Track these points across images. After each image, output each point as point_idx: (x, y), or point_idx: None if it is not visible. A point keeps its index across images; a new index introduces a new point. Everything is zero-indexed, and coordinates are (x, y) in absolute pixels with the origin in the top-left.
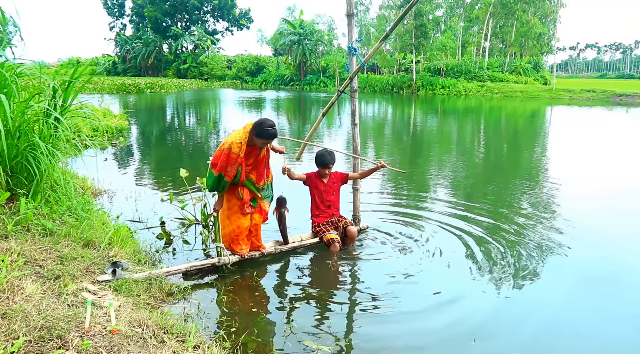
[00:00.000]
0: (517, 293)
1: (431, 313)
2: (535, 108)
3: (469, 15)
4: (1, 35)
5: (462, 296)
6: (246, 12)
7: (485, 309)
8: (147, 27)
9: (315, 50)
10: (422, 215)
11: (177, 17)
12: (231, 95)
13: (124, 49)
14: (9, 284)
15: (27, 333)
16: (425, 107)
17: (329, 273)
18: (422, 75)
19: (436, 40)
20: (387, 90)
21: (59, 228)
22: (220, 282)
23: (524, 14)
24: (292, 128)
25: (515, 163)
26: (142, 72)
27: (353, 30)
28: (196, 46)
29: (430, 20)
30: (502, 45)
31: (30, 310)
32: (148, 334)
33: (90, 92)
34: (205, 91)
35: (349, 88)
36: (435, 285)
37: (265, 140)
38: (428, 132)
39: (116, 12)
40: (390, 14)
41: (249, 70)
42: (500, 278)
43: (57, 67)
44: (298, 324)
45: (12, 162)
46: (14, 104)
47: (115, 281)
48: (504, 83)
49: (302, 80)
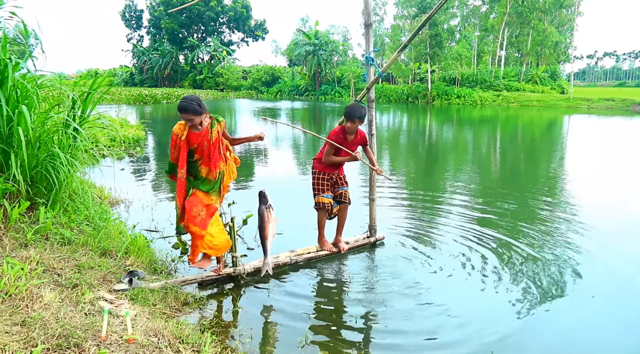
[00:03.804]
0: (537, 310)
1: (448, 328)
2: (553, 117)
3: (484, 25)
4: (23, 48)
5: (478, 310)
6: (261, 23)
7: (502, 326)
8: (164, 38)
9: (330, 61)
10: (437, 227)
11: (194, 29)
12: (246, 106)
13: (141, 60)
14: (28, 292)
15: (46, 341)
16: (441, 116)
17: (344, 284)
18: (437, 84)
19: (451, 49)
20: (402, 100)
21: (76, 237)
22: (235, 292)
23: (540, 23)
24: (307, 137)
25: (533, 174)
26: (158, 82)
27: (370, 40)
28: (212, 57)
29: (445, 29)
30: (518, 54)
31: (48, 318)
32: (164, 343)
33: (108, 102)
34: (220, 101)
35: (366, 99)
36: (452, 299)
37: (180, 113)
38: (443, 141)
39: (134, 24)
40: (405, 24)
41: (264, 80)
42: (521, 293)
43: (76, 78)
44: (313, 335)
45: (32, 171)
46: (35, 115)
47: (132, 290)
48: (520, 93)
49: (317, 91)
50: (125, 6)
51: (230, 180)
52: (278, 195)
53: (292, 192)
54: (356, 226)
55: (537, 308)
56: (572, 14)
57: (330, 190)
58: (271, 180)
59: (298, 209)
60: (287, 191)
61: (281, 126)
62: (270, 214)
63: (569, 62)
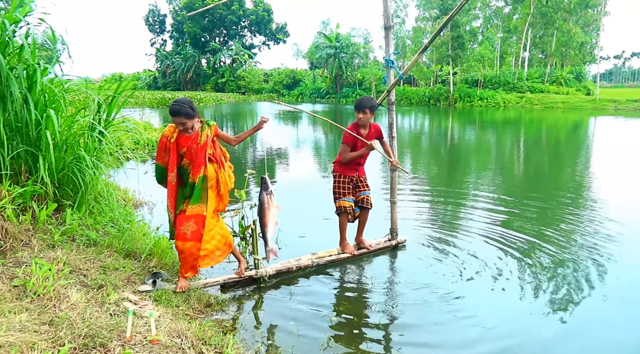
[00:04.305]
0: (569, 318)
1: (471, 333)
2: (578, 119)
3: (507, 26)
4: (51, 53)
5: (505, 317)
6: (282, 26)
7: (533, 335)
8: (187, 42)
9: (351, 63)
10: (460, 229)
11: (216, 32)
12: (267, 109)
13: (164, 64)
14: (56, 292)
15: (72, 341)
16: (463, 119)
17: (365, 288)
18: (459, 86)
19: (473, 51)
20: (423, 102)
21: (102, 238)
22: (257, 294)
23: (565, 23)
24: (329, 140)
25: (557, 177)
26: (181, 86)
27: (390, 43)
28: (234, 60)
29: (467, 31)
30: (542, 56)
31: (75, 318)
32: (187, 344)
33: (132, 106)
34: (242, 104)
35: (387, 101)
36: (474, 303)
37: (172, 117)
38: (466, 144)
39: (157, 29)
40: (426, 26)
41: (286, 83)
42: (548, 298)
43: (101, 82)
44: (335, 339)
45: (59, 174)
46: (62, 118)
47: (155, 292)
48: (545, 94)
49: (338, 93)
50: (149, 11)
51: (227, 189)
52: (299, 197)
53: (313, 194)
54: (377, 229)
55: (566, 316)
56: (598, 14)
57: (351, 193)
58: (292, 182)
59: (319, 211)
60: (308, 193)
61: (303, 128)
62: (271, 200)
63: (595, 62)
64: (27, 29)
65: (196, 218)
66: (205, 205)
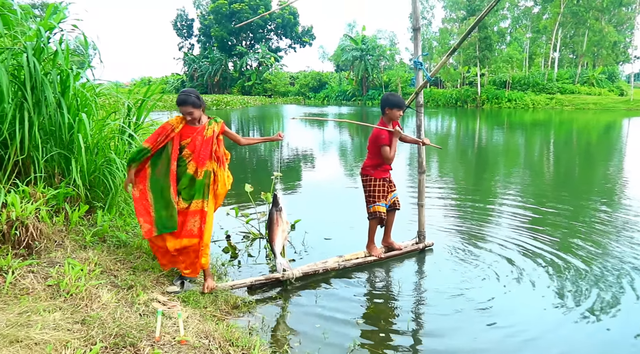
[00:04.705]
0: (613, 325)
1: (501, 342)
2: (611, 120)
3: (536, 26)
4: (83, 59)
5: (545, 327)
6: (308, 29)
7: (577, 344)
8: (214, 46)
9: (378, 66)
10: (488, 233)
11: (242, 36)
12: (294, 111)
13: (192, 67)
14: (87, 292)
15: (104, 340)
16: (491, 120)
17: (392, 291)
18: (487, 88)
19: (501, 52)
20: (450, 104)
21: (131, 240)
22: (284, 296)
23: (597, 22)
24: (354, 142)
25: (589, 179)
26: (208, 89)
27: (419, 45)
28: (260, 63)
29: (495, 32)
30: (573, 56)
31: (106, 318)
32: (214, 345)
33: (160, 109)
34: (268, 107)
35: (415, 103)
36: (504, 310)
37: (179, 106)
38: (494, 146)
39: (185, 33)
40: (453, 28)
41: (312, 86)
42: (590, 308)
43: (130, 86)
44: (362, 341)
45: (91, 176)
46: (93, 122)
47: (183, 293)
48: (576, 95)
49: (364, 96)
50: (177, 16)
51: (225, 189)
52: (325, 199)
53: (339, 196)
54: (404, 232)
55: (610, 324)
56: (632, 12)
57: (386, 197)
58: (318, 185)
59: (345, 213)
60: (334, 195)
61: (329, 131)
62: (280, 217)
63: (629, 62)
64: (61, 36)
65: (200, 213)
66: (207, 200)
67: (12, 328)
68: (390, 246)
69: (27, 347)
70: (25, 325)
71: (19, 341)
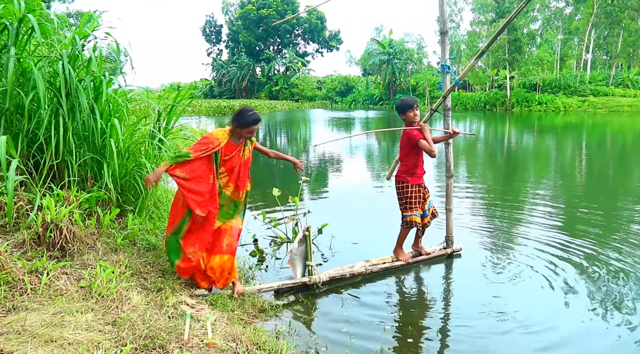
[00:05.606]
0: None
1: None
2: None
3: (567, 27)
4: (115, 65)
5: (584, 338)
6: (336, 33)
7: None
8: (242, 51)
9: (405, 69)
10: (518, 237)
11: (270, 41)
12: (321, 116)
13: (220, 73)
14: (118, 294)
15: (134, 341)
16: (521, 124)
17: (420, 297)
18: (516, 91)
19: (531, 54)
20: (479, 107)
21: (161, 243)
22: (311, 301)
23: (633, 22)
24: (382, 147)
25: (623, 184)
26: (236, 94)
27: (446, 48)
28: (287, 68)
29: (525, 34)
30: (606, 57)
31: (136, 319)
32: (242, 349)
33: (189, 114)
34: (295, 112)
35: (442, 107)
36: (545, 322)
37: (251, 126)
38: (524, 149)
39: (213, 39)
40: (481, 30)
41: (339, 90)
42: (617, 315)
43: (160, 92)
44: (389, 347)
45: (122, 180)
46: (125, 127)
47: (211, 296)
48: (609, 98)
49: (392, 100)
50: (205, 22)
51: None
52: (353, 203)
53: (366, 201)
54: (431, 237)
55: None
56: None
57: (422, 205)
58: (345, 189)
59: (372, 218)
60: (360, 200)
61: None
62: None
63: None
64: (95, 43)
65: (238, 231)
66: (243, 218)
67: (47, 328)
68: (418, 251)
69: (61, 347)
70: (59, 325)
71: (53, 340)
